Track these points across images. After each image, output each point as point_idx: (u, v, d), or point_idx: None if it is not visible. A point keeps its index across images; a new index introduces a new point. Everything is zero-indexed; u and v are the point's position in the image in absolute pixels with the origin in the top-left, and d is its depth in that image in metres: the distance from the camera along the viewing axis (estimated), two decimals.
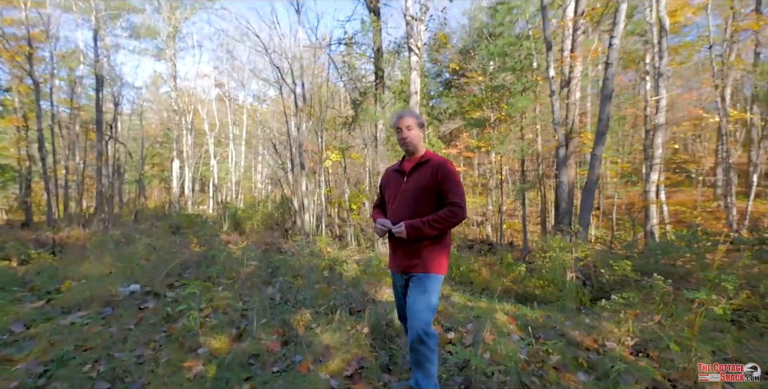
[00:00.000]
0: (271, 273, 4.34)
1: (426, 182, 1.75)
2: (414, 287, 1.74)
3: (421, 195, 1.75)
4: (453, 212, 1.67)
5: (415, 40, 10.11)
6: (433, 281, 1.72)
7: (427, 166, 1.79)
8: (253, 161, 21.71)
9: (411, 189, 1.79)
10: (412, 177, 1.82)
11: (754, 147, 15.35)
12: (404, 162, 1.92)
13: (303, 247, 5.04)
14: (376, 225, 1.82)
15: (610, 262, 6.19)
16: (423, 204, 1.75)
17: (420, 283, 1.72)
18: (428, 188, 1.74)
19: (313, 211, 10.03)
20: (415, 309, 1.68)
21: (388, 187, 1.94)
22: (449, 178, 1.72)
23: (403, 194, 1.81)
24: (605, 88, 6.86)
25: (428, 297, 1.70)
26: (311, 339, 2.41)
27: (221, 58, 18.85)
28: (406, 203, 1.78)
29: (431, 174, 1.75)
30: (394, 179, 1.92)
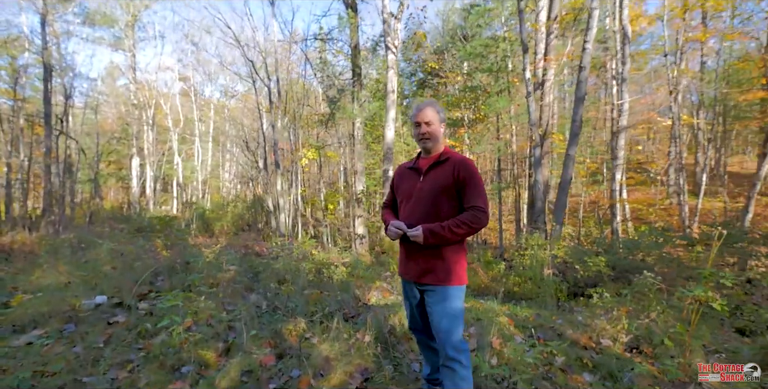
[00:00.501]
0: (252, 279, 4.09)
1: (445, 182, 1.60)
2: (436, 303, 1.58)
3: (438, 196, 1.60)
4: (476, 217, 1.52)
5: (392, 38, 10.02)
6: (457, 294, 1.59)
7: (446, 164, 1.63)
8: (221, 159, 20.76)
9: (428, 189, 1.63)
10: (430, 176, 1.66)
11: (701, 149, 16.68)
12: (420, 159, 1.76)
13: (285, 250, 4.81)
14: (389, 228, 1.66)
15: (584, 259, 6.42)
16: (440, 206, 1.60)
17: (442, 298, 1.57)
18: (447, 188, 1.59)
19: (289, 211, 9.70)
20: (442, 329, 1.56)
21: (400, 186, 1.78)
22: (471, 179, 1.57)
23: (418, 194, 1.65)
24: (578, 90, 7.12)
25: (454, 312, 1.57)
26: (308, 351, 2.24)
27: (186, 50, 17.84)
28: (422, 204, 1.63)
29: (451, 173, 1.59)
30: (409, 177, 1.75)
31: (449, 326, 1.55)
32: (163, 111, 16.93)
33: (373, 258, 7.77)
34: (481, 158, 13.80)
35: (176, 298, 2.19)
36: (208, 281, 3.61)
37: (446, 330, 1.55)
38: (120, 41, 14.81)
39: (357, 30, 9.72)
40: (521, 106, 9.75)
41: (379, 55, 12.58)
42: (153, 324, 2.33)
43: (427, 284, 1.61)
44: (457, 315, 1.57)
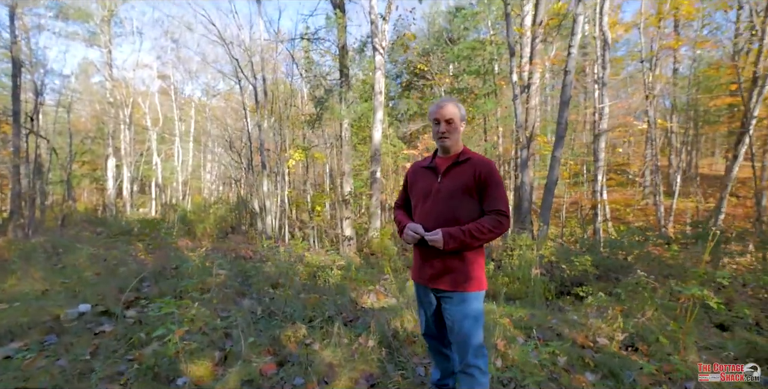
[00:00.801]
0: (243, 283, 3.96)
1: (466, 184, 1.53)
2: (455, 310, 1.54)
3: (458, 198, 1.54)
4: (499, 222, 1.47)
5: (380, 39, 10.02)
6: (476, 299, 1.55)
7: (467, 165, 1.57)
8: (203, 159, 20.21)
9: (447, 190, 1.56)
10: (449, 177, 1.58)
11: (674, 152, 17.42)
12: (437, 159, 1.68)
13: (275, 252, 4.69)
14: (406, 231, 1.59)
15: (571, 258, 6.57)
16: (460, 208, 1.53)
17: (462, 304, 1.53)
18: (468, 189, 1.53)
19: (276, 213, 9.51)
20: (462, 335, 1.52)
21: (415, 185, 1.70)
22: (494, 181, 1.52)
23: (436, 194, 1.58)
24: (564, 94, 7.30)
25: (475, 318, 1.54)
26: (311, 358, 2.18)
27: (165, 47, 17.29)
28: (440, 206, 1.56)
29: (473, 175, 1.53)
30: (425, 177, 1.67)
31: (469, 332, 1.52)
32: (141, 110, 16.35)
33: (362, 260, 7.71)
34: None
35: (169, 305, 2.09)
36: (197, 286, 3.48)
37: (466, 336, 1.52)
38: (95, 37, 14.21)
39: (344, 30, 9.67)
40: (507, 108, 9.91)
41: (366, 56, 12.55)
42: (145, 334, 2.21)
43: (445, 290, 1.55)
44: (477, 321, 1.54)
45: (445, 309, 1.59)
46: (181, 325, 2.05)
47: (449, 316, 1.57)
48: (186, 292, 3.00)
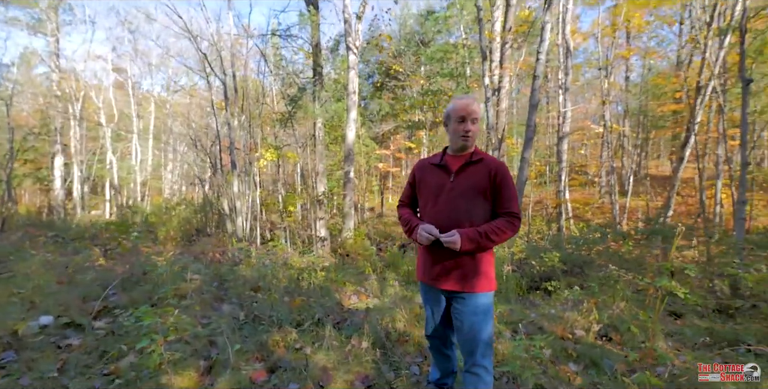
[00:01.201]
0: (219, 287, 3.79)
1: (481, 184, 1.52)
2: (466, 311, 1.54)
3: (472, 198, 1.52)
4: (512, 224, 1.50)
5: (353, 38, 9.97)
6: (488, 300, 1.56)
7: (481, 166, 1.55)
8: (164, 158, 19.11)
9: (461, 190, 1.54)
10: (463, 177, 1.56)
11: (626, 154, 18.74)
12: (447, 157, 1.65)
13: (251, 255, 4.53)
14: (419, 232, 1.53)
15: (541, 255, 6.87)
16: (474, 209, 1.52)
17: (473, 305, 1.54)
18: (483, 191, 1.52)
19: (246, 214, 9.17)
20: (473, 335, 1.54)
21: (424, 183, 1.66)
22: (508, 183, 1.53)
23: (448, 194, 1.56)
24: (533, 98, 7.63)
25: (487, 319, 1.55)
26: (303, 362, 2.12)
27: (122, 38, 16.15)
28: (453, 206, 1.54)
29: (487, 175, 1.52)
30: (435, 175, 1.63)
31: (480, 332, 1.53)
32: (93, 105, 15.17)
33: (337, 261, 7.62)
34: None
35: (150, 314, 1.95)
36: (172, 293, 3.29)
37: (476, 336, 1.53)
38: (40, 24, 13.01)
39: (318, 28, 9.53)
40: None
41: (339, 55, 12.44)
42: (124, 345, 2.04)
43: (456, 291, 1.54)
44: (487, 321, 1.55)
45: (456, 309, 1.58)
46: (166, 334, 1.92)
47: (459, 316, 1.56)
48: (162, 299, 2.82)
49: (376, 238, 12.33)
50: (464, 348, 1.58)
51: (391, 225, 18.48)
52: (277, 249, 4.52)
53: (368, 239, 11.42)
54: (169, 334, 1.94)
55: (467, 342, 1.56)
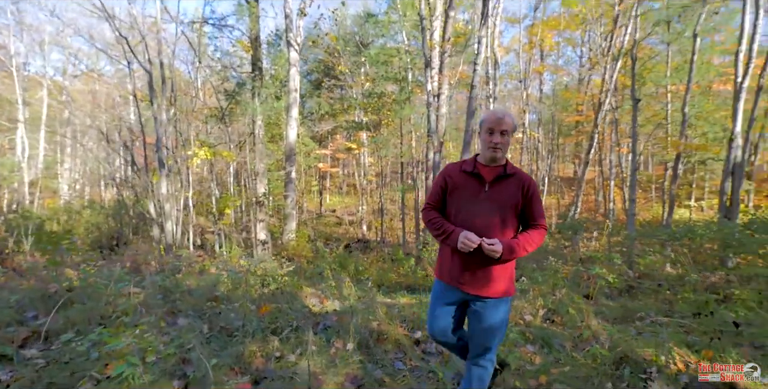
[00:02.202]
0: (166, 300, 3.45)
1: (515, 198, 1.60)
2: (493, 315, 1.63)
3: (507, 211, 1.60)
4: (542, 235, 1.61)
5: (295, 35, 9.71)
6: (509, 305, 1.71)
7: (514, 179, 1.63)
8: (60, 154, 16.30)
9: (497, 202, 1.61)
10: (497, 189, 1.62)
11: (541, 158, 21.13)
12: (479, 166, 1.68)
13: (206, 264, 4.19)
14: (460, 239, 1.53)
15: None
16: (507, 220, 1.61)
17: (498, 309, 1.64)
18: (516, 204, 1.60)
19: (177, 218, 8.33)
20: (495, 334, 1.67)
21: (458, 190, 1.67)
22: (538, 197, 1.64)
23: (483, 204, 1.61)
24: (470, 105, 8.26)
25: (505, 322, 1.69)
26: (290, 369, 2.08)
27: (2, 8, 13.36)
28: (488, 216, 1.59)
29: (520, 190, 1.60)
30: (469, 182, 1.66)
31: (496, 331, 1.66)
32: None
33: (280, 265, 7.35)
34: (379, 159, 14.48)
35: (114, 336, 1.74)
36: (108, 310, 2.91)
37: (492, 335, 1.66)
38: None
39: (257, 21, 9.06)
40: (419, 115, 10.67)
41: (278, 51, 11.95)
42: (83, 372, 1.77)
43: (482, 296, 1.61)
44: (505, 323, 1.69)
45: (476, 312, 1.65)
46: (145, 355, 1.72)
47: (479, 318, 1.64)
48: (107, 318, 2.48)
49: (320, 239, 12.15)
50: (477, 344, 1.69)
51: (332, 226, 18.32)
52: (231, 258, 4.24)
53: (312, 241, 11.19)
54: (148, 355, 1.75)
55: (483, 340, 1.67)
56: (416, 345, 2.60)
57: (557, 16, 17.44)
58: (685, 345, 2.59)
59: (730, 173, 7.67)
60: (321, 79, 17.91)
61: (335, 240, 13.33)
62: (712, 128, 9.64)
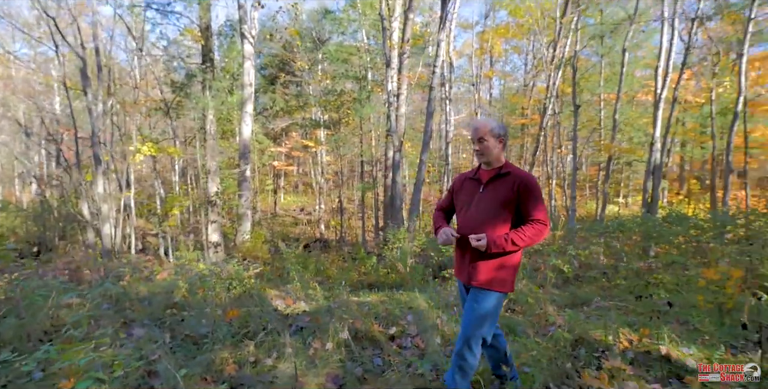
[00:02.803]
0: (115, 309, 3.16)
1: (506, 195, 1.70)
2: (470, 300, 1.74)
3: (498, 207, 1.71)
4: (538, 230, 1.65)
5: (249, 27, 9.31)
6: (490, 298, 1.70)
7: (507, 178, 1.73)
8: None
9: (488, 200, 1.73)
10: (490, 188, 1.75)
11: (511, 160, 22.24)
12: (480, 171, 1.85)
13: (155, 269, 3.87)
14: (440, 233, 1.79)
15: (438, 246, 7.74)
16: (499, 216, 1.70)
17: (476, 298, 1.71)
18: (508, 201, 1.70)
19: (116, 220, 7.56)
20: (465, 321, 1.72)
21: (460, 193, 1.88)
22: (532, 193, 1.69)
23: (478, 203, 1.76)
24: (429, 106, 8.51)
25: (480, 313, 1.69)
26: (268, 374, 2.02)
27: None
28: (481, 213, 1.73)
29: (512, 187, 1.69)
30: (469, 186, 1.85)
31: (471, 322, 1.71)
32: None
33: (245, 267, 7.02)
34: (336, 157, 14.34)
35: (68, 352, 1.57)
36: (47, 324, 2.60)
37: (467, 323, 1.72)
38: None
39: (209, 9, 8.52)
40: (379, 114, 10.74)
41: (230, 42, 11.34)
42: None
43: (474, 286, 1.72)
44: (483, 317, 1.70)
45: (468, 300, 1.77)
46: (113, 369, 1.56)
47: (467, 305, 1.75)
48: (50, 332, 2.20)
49: (277, 239, 11.76)
50: (461, 331, 1.77)
51: (288, 226, 17.79)
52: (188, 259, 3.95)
53: (268, 242, 10.82)
54: (115, 369, 1.59)
55: (463, 327, 1.75)
56: (391, 341, 2.65)
57: (506, 25, 18.50)
58: (627, 325, 2.92)
59: (651, 173, 8.72)
60: (276, 74, 17.29)
61: (293, 240, 12.98)
62: (637, 134, 10.88)
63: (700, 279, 3.44)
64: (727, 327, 2.83)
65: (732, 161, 9.84)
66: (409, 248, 7.74)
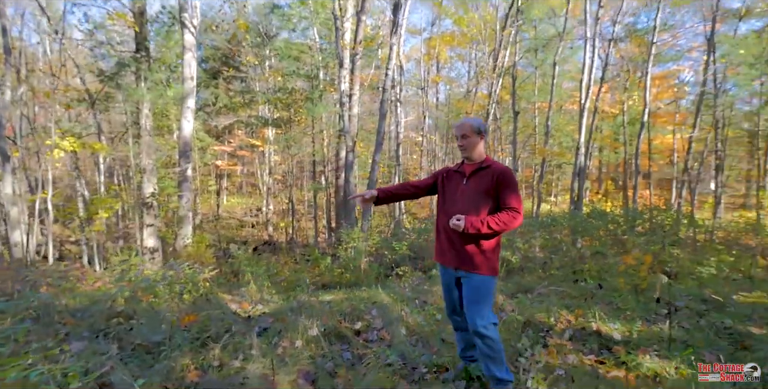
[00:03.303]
0: (43, 323, 2.81)
1: (486, 187, 1.86)
2: (468, 289, 1.87)
3: (479, 198, 1.87)
4: (512, 216, 1.80)
5: (191, 15, 8.75)
6: (487, 283, 1.85)
7: (488, 171, 1.90)
8: None
9: (470, 191, 1.90)
10: (472, 180, 1.92)
11: (437, 160, 23.17)
12: (464, 165, 2.02)
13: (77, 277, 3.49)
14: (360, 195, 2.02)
15: (392, 245, 7.93)
16: (480, 206, 1.86)
17: (474, 285, 1.85)
18: (487, 191, 1.86)
19: (29, 225, 6.57)
20: (471, 310, 1.84)
21: (445, 186, 2.02)
22: (509, 185, 1.85)
23: (462, 194, 1.92)
24: (382, 108, 8.67)
25: (483, 298, 1.84)
26: (237, 376, 1.96)
27: None
28: (465, 203, 1.90)
29: (491, 179, 1.86)
30: (453, 179, 2.01)
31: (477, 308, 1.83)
32: None
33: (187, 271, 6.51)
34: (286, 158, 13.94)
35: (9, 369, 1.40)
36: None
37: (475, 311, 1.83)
38: None
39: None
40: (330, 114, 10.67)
41: (166, 31, 10.50)
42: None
43: (463, 270, 1.86)
44: (487, 301, 1.85)
45: (464, 289, 1.90)
46: (64, 385, 1.40)
47: (464, 293, 1.89)
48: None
49: (223, 243, 11.12)
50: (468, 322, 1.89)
51: (233, 228, 16.84)
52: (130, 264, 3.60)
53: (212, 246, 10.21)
54: (71, 382, 1.43)
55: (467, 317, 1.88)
56: (357, 335, 2.70)
57: (451, 33, 19.45)
58: (565, 307, 3.30)
59: (577, 175, 9.79)
60: (219, 68, 16.32)
61: (240, 243, 12.35)
62: (566, 139, 12.13)
63: (621, 265, 3.99)
64: (642, 304, 3.33)
65: (640, 164, 11.41)
66: (364, 248, 7.81)
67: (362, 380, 2.05)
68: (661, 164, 20.16)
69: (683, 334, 2.76)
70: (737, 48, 10.19)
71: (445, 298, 2.09)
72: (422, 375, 2.16)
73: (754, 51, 10.14)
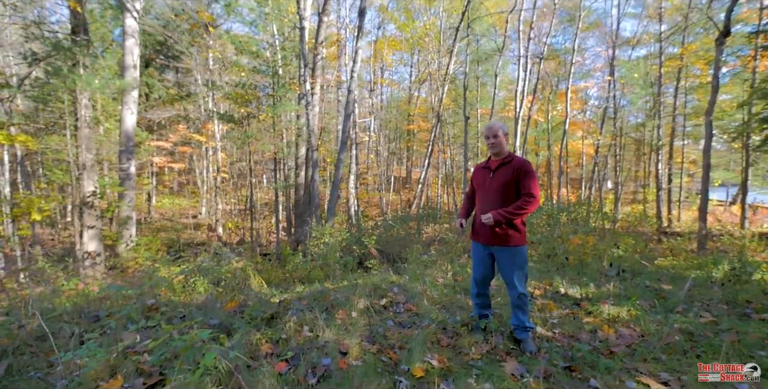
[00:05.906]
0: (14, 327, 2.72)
1: (509, 178, 2.25)
2: (504, 260, 2.31)
3: (504, 188, 2.28)
4: (527, 201, 2.19)
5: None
6: (520, 253, 2.28)
7: (510, 164, 2.29)
8: None
9: (497, 182, 2.31)
10: (498, 173, 2.32)
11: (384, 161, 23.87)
12: (490, 160, 2.43)
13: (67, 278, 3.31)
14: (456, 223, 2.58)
15: (362, 240, 8.34)
16: (506, 195, 2.27)
17: (509, 256, 2.29)
18: (510, 182, 2.25)
19: None
20: (512, 278, 2.30)
21: (476, 180, 2.49)
22: (527, 174, 2.23)
23: (489, 186, 2.35)
24: (347, 108, 8.96)
25: (520, 266, 2.29)
26: (315, 341, 2.25)
27: None
28: (493, 193, 2.32)
29: (513, 171, 2.25)
30: (482, 173, 2.43)
31: (516, 276, 2.30)
32: None
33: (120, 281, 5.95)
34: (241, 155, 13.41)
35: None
36: None
37: (515, 278, 2.30)
38: None
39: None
40: (288, 112, 10.62)
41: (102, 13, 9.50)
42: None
43: (497, 245, 2.31)
44: (523, 268, 2.31)
45: (498, 258, 2.35)
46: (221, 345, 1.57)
47: (500, 263, 2.35)
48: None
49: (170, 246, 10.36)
50: (509, 288, 2.37)
51: (169, 231, 15.50)
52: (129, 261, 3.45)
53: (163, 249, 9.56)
54: (222, 343, 1.61)
55: (509, 285, 2.36)
56: (385, 309, 3.11)
57: (395, 37, 20.32)
58: (545, 277, 4.10)
59: None
60: (150, 55, 14.92)
61: (186, 246, 11.54)
62: None
63: (569, 245, 4.97)
64: (591, 273, 4.28)
65: (561, 166, 13.33)
66: (336, 243, 8.08)
67: (414, 337, 2.48)
68: (572, 166, 23.48)
69: (622, 291, 3.69)
70: (632, 71, 12.58)
71: (477, 270, 2.52)
72: (455, 331, 2.66)
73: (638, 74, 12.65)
